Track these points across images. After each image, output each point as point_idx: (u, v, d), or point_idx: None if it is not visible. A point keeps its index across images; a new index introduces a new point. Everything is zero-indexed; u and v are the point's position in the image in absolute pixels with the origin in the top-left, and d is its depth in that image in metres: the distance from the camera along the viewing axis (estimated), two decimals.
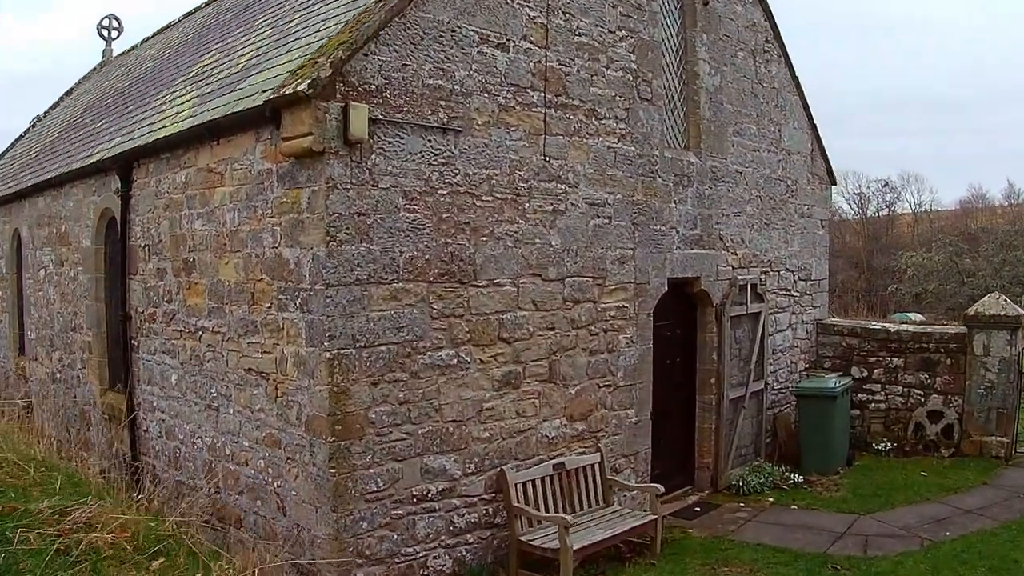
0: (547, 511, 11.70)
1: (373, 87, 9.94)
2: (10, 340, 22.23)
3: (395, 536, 10.32)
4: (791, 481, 15.75)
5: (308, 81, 9.38)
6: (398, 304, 10.29)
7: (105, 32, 29.33)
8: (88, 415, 16.67)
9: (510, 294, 11.56)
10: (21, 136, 28.52)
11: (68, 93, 29.54)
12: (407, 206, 10.33)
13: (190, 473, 12.96)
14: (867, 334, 18.69)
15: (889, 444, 17.68)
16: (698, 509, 14.66)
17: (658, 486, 12.69)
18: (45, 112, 29.09)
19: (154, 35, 27.24)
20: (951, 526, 13.26)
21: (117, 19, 29.62)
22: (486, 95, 11.14)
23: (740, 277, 16.01)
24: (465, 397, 11.03)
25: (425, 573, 10.63)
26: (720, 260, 15.65)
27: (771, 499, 15.05)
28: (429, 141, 10.52)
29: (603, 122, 12.91)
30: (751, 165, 16.60)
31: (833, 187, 20.17)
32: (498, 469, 11.39)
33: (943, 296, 43.14)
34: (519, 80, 11.56)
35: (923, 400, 17.79)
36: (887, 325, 19.73)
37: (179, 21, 26.15)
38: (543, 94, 11.89)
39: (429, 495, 10.64)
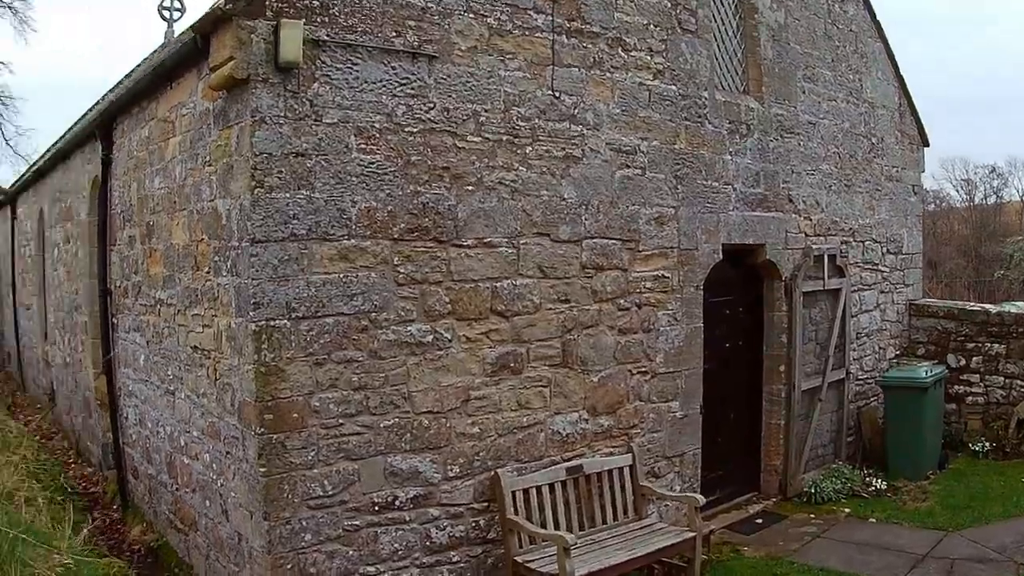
0: (558, 525, 9.44)
1: (317, 3, 7.91)
2: (37, 324, 20.89)
3: (350, 552, 8.23)
4: (872, 488, 13.25)
5: None
6: (350, 266, 8.20)
7: (166, 13, 27.90)
8: (88, 401, 15.03)
9: (507, 257, 9.32)
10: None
11: (128, 76, 28.35)
12: (362, 145, 8.23)
13: (157, 466, 11.17)
14: (965, 316, 15.97)
15: (987, 444, 14.89)
16: (760, 521, 12.22)
17: (697, 496, 10.18)
18: (103, 96, 27.98)
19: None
20: None
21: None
22: (472, 16, 8.95)
23: (815, 246, 13.45)
24: (446, 383, 8.85)
25: None
26: (790, 225, 13.11)
27: (847, 510, 12.56)
28: (393, 68, 8.41)
29: (633, 54, 10.55)
30: (826, 116, 13.98)
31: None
32: (492, 473, 9.17)
33: None
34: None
35: None
36: (987, 307, 17.01)
37: None
38: (551, 17, 9.62)
39: (396, 503, 8.51)
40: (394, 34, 8.39)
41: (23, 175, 22.27)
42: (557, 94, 9.70)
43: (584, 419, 10.12)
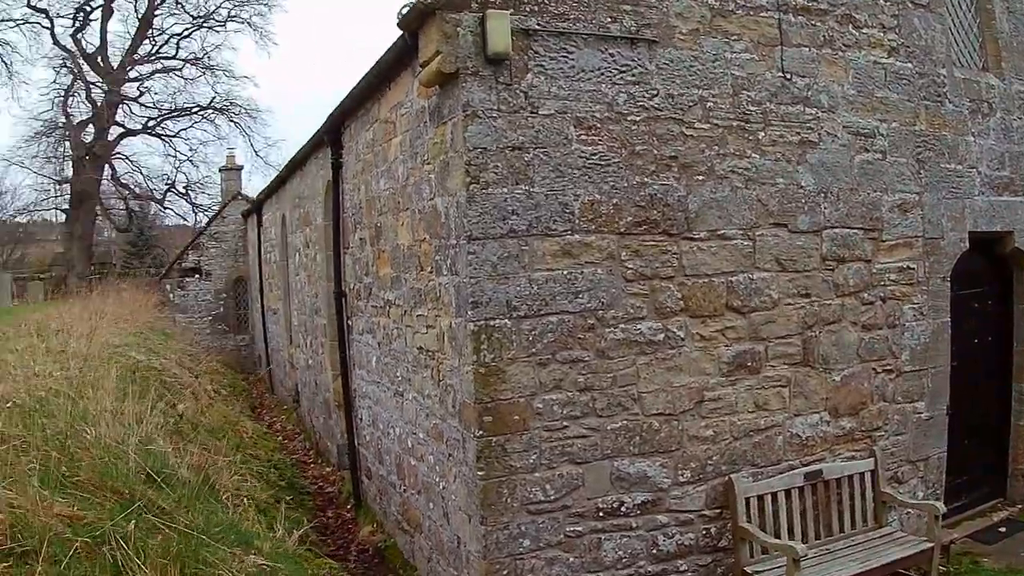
0: (792, 534, 8.42)
1: None
2: (283, 328, 21.04)
3: (571, 559, 7.56)
4: None
5: None
6: (574, 262, 7.53)
7: None
8: (328, 402, 14.83)
9: (742, 249, 8.38)
10: None
11: None
12: (582, 136, 7.55)
13: (388, 466, 10.76)
14: None
15: None
16: (1003, 530, 10.61)
17: (938, 504, 8.91)
18: None
19: None
20: None
21: None
22: None
23: None
24: (678, 384, 8.01)
25: None
26: None
27: None
28: (611, 55, 7.70)
29: (864, 31, 9.35)
30: None
31: None
32: (725, 478, 8.25)
33: None
34: None
35: None
36: None
37: None
38: None
39: (623, 508, 7.76)
40: (609, 19, 7.68)
41: (268, 184, 22.59)
42: (788, 76, 8.71)
43: (825, 421, 9.03)
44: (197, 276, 30.20)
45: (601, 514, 7.66)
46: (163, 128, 45.49)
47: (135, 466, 6.41)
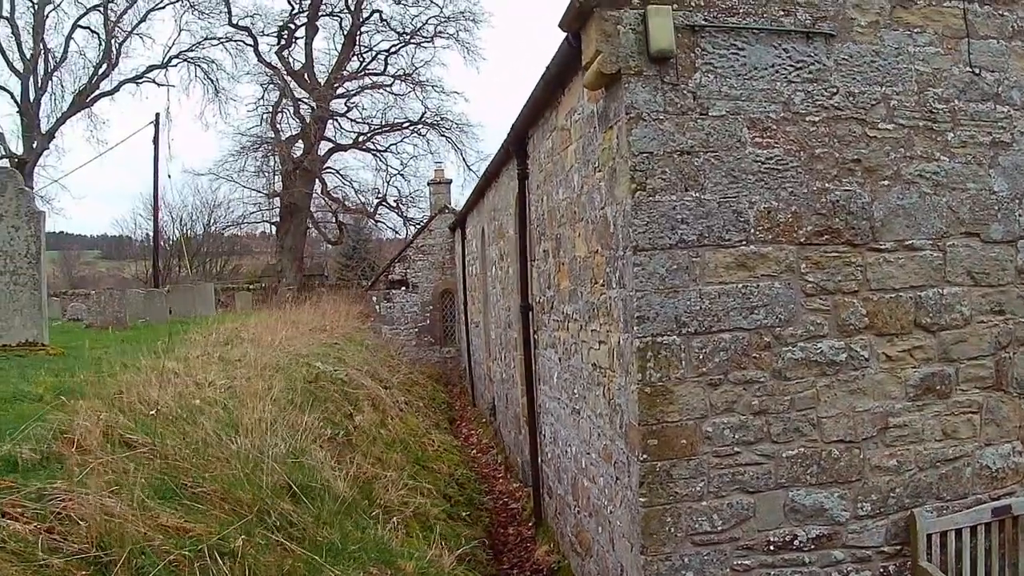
0: (976, 575, 6.94)
1: None
2: (483, 340, 20.03)
3: None
4: None
5: None
6: (749, 275, 6.38)
7: None
8: (518, 417, 13.75)
9: (931, 261, 6.95)
10: None
11: None
12: (757, 139, 6.40)
13: (565, 485, 9.71)
14: None
15: None
16: None
17: None
18: None
19: None
20: None
21: None
22: None
23: None
24: (861, 408, 6.68)
25: None
26: None
27: None
28: (785, 51, 6.51)
29: None
30: None
31: None
32: (907, 512, 6.83)
33: None
34: None
35: None
36: None
37: None
38: None
39: (795, 542, 6.50)
40: (782, 12, 6.50)
41: (468, 198, 21.86)
42: (976, 70, 7.19)
43: (1017, 451, 7.36)
44: (403, 288, 29.34)
45: (772, 548, 6.43)
46: (373, 143, 43.76)
47: (275, 478, 5.69)
